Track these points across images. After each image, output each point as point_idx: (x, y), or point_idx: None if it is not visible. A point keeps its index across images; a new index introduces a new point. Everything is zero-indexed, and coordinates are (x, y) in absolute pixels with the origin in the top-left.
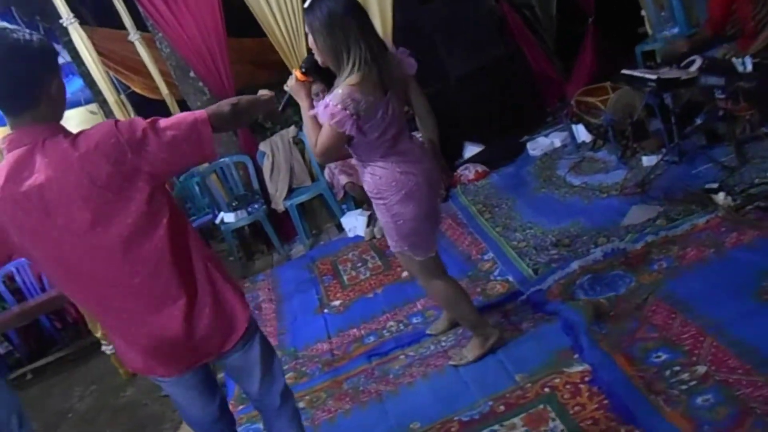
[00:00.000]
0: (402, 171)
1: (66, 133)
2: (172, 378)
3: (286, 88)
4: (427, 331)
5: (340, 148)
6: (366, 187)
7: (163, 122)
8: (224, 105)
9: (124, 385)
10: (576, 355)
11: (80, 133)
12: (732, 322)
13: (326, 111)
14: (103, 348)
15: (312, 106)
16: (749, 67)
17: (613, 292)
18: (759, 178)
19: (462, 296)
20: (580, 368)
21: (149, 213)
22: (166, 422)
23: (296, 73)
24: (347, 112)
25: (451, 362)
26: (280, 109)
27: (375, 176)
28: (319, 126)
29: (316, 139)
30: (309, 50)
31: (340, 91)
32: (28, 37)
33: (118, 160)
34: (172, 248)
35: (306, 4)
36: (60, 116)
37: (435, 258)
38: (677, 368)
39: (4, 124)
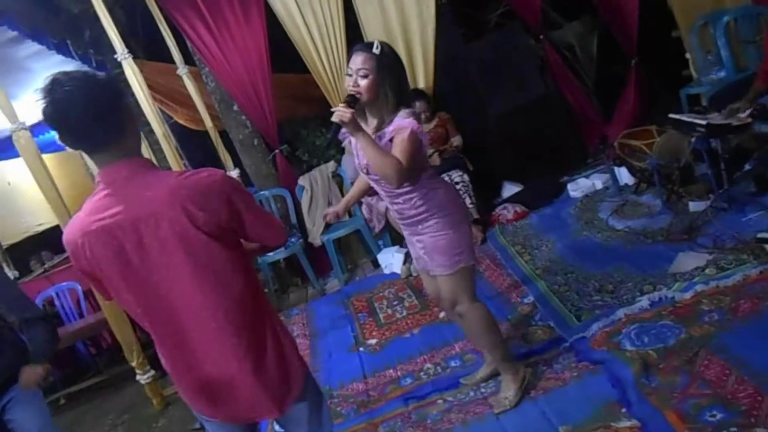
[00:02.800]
0: (447, 184)
1: (161, 170)
2: (217, 421)
3: (336, 119)
4: (461, 380)
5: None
6: (422, 209)
7: (255, 201)
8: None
9: (156, 415)
10: (624, 409)
11: (188, 172)
12: None
13: (404, 125)
14: (138, 377)
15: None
16: None
17: (662, 344)
18: None
19: (497, 325)
20: (628, 423)
21: (232, 265)
22: None
23: (346, 108)
24: (420, 127)
25: (495, 411)
26: (327, 144)
27: (437, 191)
28: (384, 151)
29: (388, 161)
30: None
31: (406, 111)
32: (91, 73)
33: (219, 208)
34: (248, 304)
35: (377, 49)
36: (140, 147)
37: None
38: (734, 429)
39: (53, 150)
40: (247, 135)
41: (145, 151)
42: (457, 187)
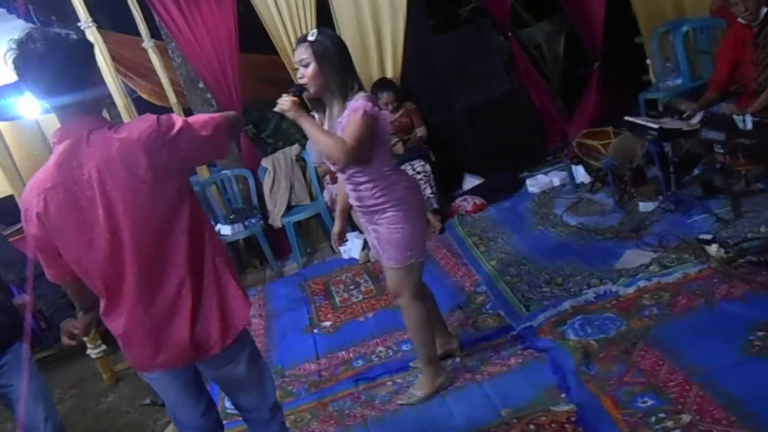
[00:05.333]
0: (410, 178)
1: (111, 124)
2: (164, 373)
3: (278, 109)
4: (411, 364)
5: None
6: (381, 200)
7: (193, 121)
8: (234, 115)
9: (106, 390)
10: (563, 395)
11: (122, 124)
12: (719, 373)
13: (357, 107)
14: (89, 351)
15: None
16: (749, 125)
17: (603, 335)
18: (752, 232)
19: (432, 326)
20: (566, 408)
21: (176, 207)
22: None
23: (289, 97)
24: (375, 109)
25: (399, 401)
26: (269, 134)
27: (398, 184)
28: (328, 133)
29: (332, 142)
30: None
31: (360, 95)
32: (64, 33)
33: (155, 154)
34: (190, 242)
35: (312, 36)
36: (101, 107)
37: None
38: (662, 415)
39: (9, 119)
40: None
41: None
42: (419, 177)
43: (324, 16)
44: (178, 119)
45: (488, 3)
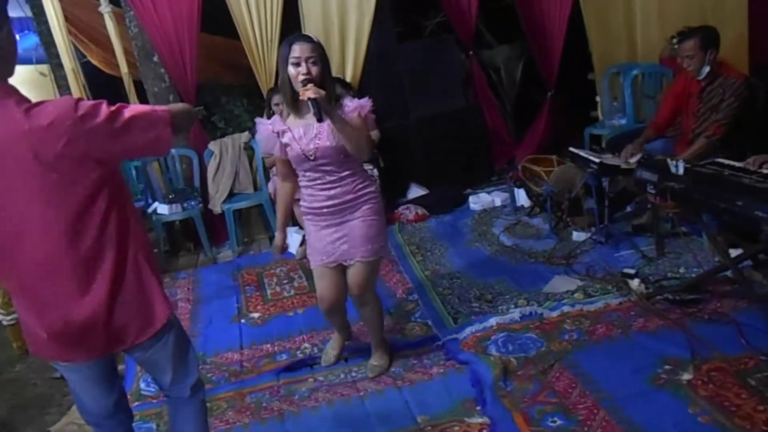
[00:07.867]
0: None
1: (20, 98)
2: (74, 363)
3: (313, 96)
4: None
5: None
6: (361, 192)
7: (126, 113)
8: (183, 108)
9: (14, 359)
10: (478, 407)
11: (36, 104)
12: (625, 401)
13: (362, 104)
14: (0, 317)
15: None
16: (681, 171)
17: (523, 353)
18: (672, 272)
19: None
20: (479, 420)
21: (91, 198)
22: (53, 406)
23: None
24: None
25: (370, 375)
26: (319, 119)
27: (369, 178)
28: (356, 128)
29: (365, 136)
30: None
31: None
32: None
33: (70, 142)
34: (106, 235)
35: (315, 38)
36: (10, 71)
37: None
38: None
39: None
40: (163, 89)
41: (50, 85)
42: None
43: (290, 6)
44: (105, 108)
45: (454, 19)
